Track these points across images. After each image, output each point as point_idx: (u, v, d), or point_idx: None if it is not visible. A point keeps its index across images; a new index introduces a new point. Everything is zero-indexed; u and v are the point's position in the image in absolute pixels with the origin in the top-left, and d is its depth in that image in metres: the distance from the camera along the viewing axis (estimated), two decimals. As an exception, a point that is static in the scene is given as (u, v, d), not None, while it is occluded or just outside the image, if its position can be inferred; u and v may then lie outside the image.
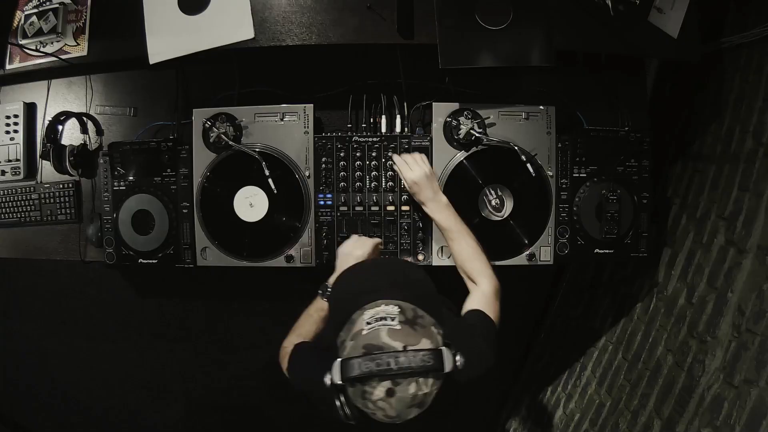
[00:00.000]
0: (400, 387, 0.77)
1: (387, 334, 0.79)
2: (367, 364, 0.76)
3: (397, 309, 0.82)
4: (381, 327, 0.79)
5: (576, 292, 2.15)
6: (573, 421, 1.94)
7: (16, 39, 1.53)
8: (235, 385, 2.28)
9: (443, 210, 1.28)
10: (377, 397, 0.77)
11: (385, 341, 0.78)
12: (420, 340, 0.80)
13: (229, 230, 1.47)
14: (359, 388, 0.78)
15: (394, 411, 0.78)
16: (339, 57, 1.51)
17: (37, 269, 2.15)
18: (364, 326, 0.81)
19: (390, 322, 0.80)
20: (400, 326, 0.80)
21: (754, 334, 1.22)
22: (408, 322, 0.81)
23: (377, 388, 0.77)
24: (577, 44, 1.43)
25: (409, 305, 0.84)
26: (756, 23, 1.37)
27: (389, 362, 0.76)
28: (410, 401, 0.78)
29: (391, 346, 0.78)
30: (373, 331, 0.79)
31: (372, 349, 0.78)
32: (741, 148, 1.42)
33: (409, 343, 0.78)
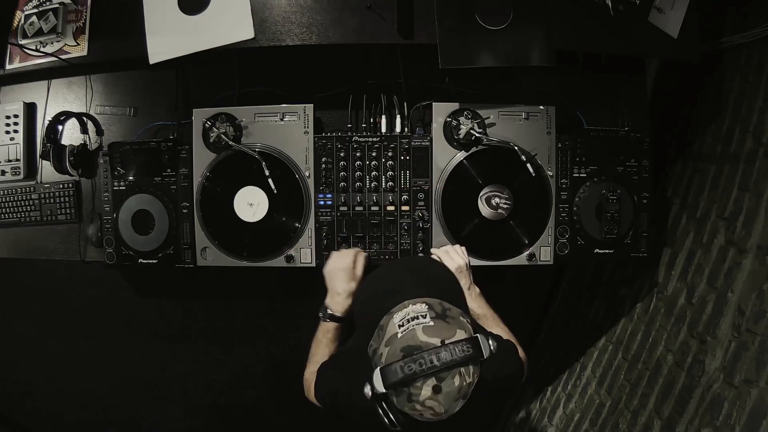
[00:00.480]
0: (446, 382, 0.77)
1: (423, 332, 0.79)
2: (409, 365, 0.76)
3: (425, 306, 0.83)
4: (415, 326, 0.80)
5: (576, 292, 2.15)
6: (573, 421, 1.94)
7: (16, 39, 1.53)
8: (235, 385, 2.28)
9: (477, 299, 1.29)
10: (425, 397, 0.77)
11: (422, 340, 0.78)
12: (455, 332, 0.80)
13: (229, 230, 1.47)
14: (405, 392, 0.78)
15: (442, 407, 0.78)
16: (339, 57, 1.51)
17: (37, 269, 2.15)
18: (398, 329, 0.81)
19: (423, 320, 0.80)
20: (433, 322, 0.80)
21: (754, 334, 1.22)
22: (439, 317, 0.81)
23: (423, 388, 0.77)
24: (577, 44, 1.43)
25: (435, 300, 0.85)
26: (756, 23, 1.37)
27: (432, 359, 0.76)
28: (457, 394, 0.78)
29: (430, 344, 0.78)
30: (408, 332, 0.80)
31: (411, 350, 0.78)
32: (741, 148, 1.42)
33: (445, 337, 0.79)
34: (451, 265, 1.30)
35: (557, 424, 2.05)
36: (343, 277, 1.26)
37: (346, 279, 1.26)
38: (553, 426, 2.07)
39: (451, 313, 0.84)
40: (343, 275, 1.26)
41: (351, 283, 1.26)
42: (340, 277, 1.26)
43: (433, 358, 0.76)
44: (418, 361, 0.76)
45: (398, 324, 0.81)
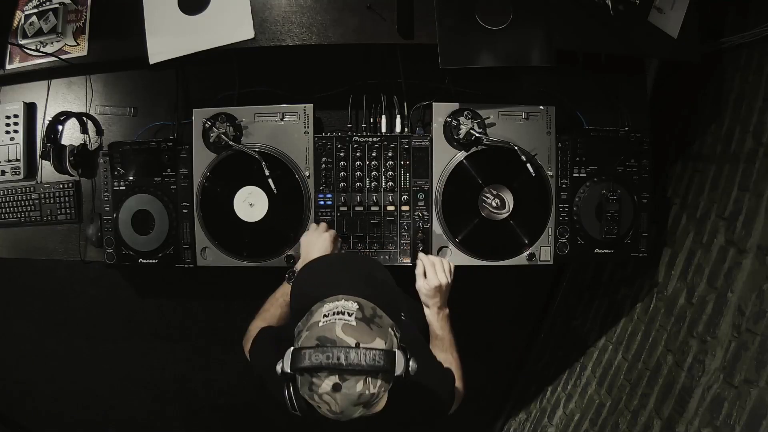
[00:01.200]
0: (348, 383, 0.76)
1: (341, 328, 0.78)
2: (317, 355, 0.76)
3: (356, 305, 0.82)
4: (337, 321, 0.79)
5: (576, 292, 2.15)
6: (573, 421, 1.94)
7: (16, 39, 1.52)
8: (234, 385, 2.28)
9: (442, 320, 1.28)
10: (323, 391, 0.77)
11: (338, 335, 0.77)
12: (374, 339, 0.79)
13: (229, 230, 1.47)
14: (307, 378, 0.78)
15: (338, 407, 0.77)
16: (339, 57, 1.51)
17: (37, 269, 2.15)
18: (321, 318, 0.80)
19: (346, 317, 0.79)
20: (356, 322, 0.79)
21: (754, 334, 1.22)
22: (365, 320, 0.80)
23: (324, 381, 0.76)
24: (577, 44, 1.43)
25: (369, 303, 0.84)
26: (756, 23, 1.37)
27: (339, 356, 0.75)
28: (356, 399, 0.77)
29: (344, 341, 0.77)
30: (328, 323, 0.79)
31: (325, 341, 0.77)
32: (741, 148, 1.42)
33: (362, 341, 0.78)
34: (432, 281, 1.29)
35: (557, 424, 2.05)
36: (320, 249, 1.29)
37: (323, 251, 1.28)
38: (553, 426, 2.07)
39: (381, 321, 0.82)
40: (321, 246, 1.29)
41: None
42: (318, 248, 1.29)
43: (341, 356, 0.75)
44: (326, 354, 0.76)
45: (324, 313, 0.81)
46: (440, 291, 1.29)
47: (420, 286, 1.32)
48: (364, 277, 0.93)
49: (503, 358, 2.30)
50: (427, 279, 1.30)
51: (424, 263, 1.34)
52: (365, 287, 0.88)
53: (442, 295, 1.29)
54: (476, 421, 2.38)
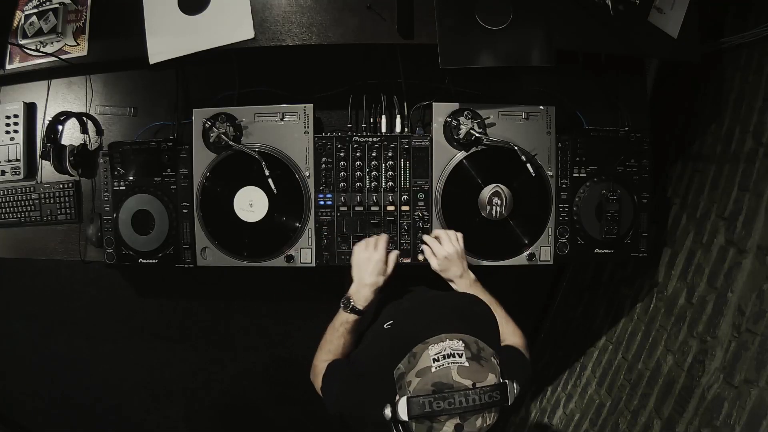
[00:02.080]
0: (469, 423, 0.79)
1: (457, 372, 0.80)
2: (438, 402, 0.78)
3: (462, 344, 0.84)
4: (450, 365, 0.81)
5: (576, 292, 2.15)
6: (573, 421, 1.94)
7: (16, 39, 1.52)
8: (235, 385, 2.28)
9: (473, 287, 1.27)
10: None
11: (455, 380, 0.79)
12: (487, 376, 0.81)
13: (229, 230, 1.47)
14: (426, 424, 0.80)
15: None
16: (339, 57, 1.51)
17: (37, 269, 2.15)
18: (431, 363, 0.82)
19: (458, 360, 0.81)
20: (468, 363, 0.81)
21: (754, 334, 1.22)
22: (474, 358, 0.82)
23: (446, 424, 0.79)
24: (577, 44, 1.43)
25: (471, 338, 0.86)
26: (756, 23, 1.37)
27: (461, 401, 0.78)
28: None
29: (462, 385, 0.79)
30: (442, 369, 0.81)
31: (443, 387, 0.79)
32: (741, 148, 1.42)
33: (478, 380, 0.80)
34: (440, 252, 1.29)
35: (557, 424, 2.05)
36: (373, 270, 1.23)
37: (376, 272, 1.22)
38: (553, 426, 2.07)
39: (485, 354, 0.85)
40: (374, 268, 1.23)
41: (380, 277, 1.23)
42: (370, 270, 1.23)
43: (462, 400, 0.78)
44: (447, 400, 0.78)
45: (433, 357, 0.82)
46: (451, 260, 1.28)
47: (434, 266, 1.32)
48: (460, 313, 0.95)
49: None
50: (436, 253, 1.30)
51: (428, 243, 1.34)
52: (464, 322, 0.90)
53: (454, 264, 1.28)
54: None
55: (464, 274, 1.28)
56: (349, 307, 1.20)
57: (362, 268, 1.24)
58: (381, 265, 1.24)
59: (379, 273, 1.23)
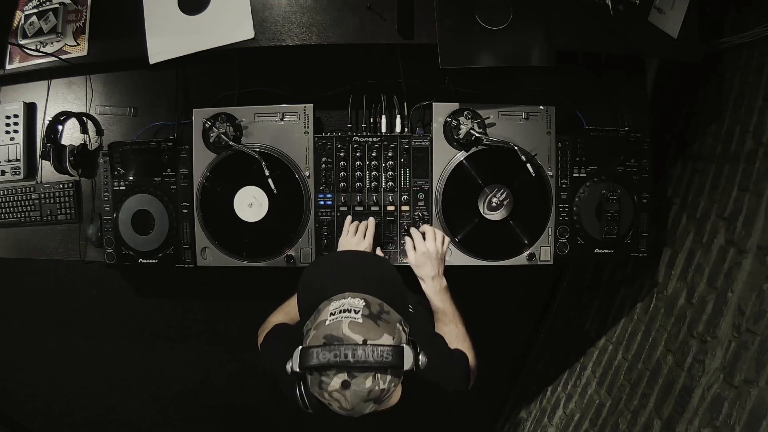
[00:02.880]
0: (356, 380, 0.77)
1: (348, 326, 0.79)
2: (324, 354, 0.77)
3: (362, 302, 0.82)
4: (343, 318, 0.80)
5: (576, 292, 2.15)
6: (573, 421, 1.94)
7: (16, 39, 1.52)
8: (234, 385, 2.29)
9: (441, 292, 1.26)
10: (333, 388, 0.77)
11: (345, 333, 0.78)
12: (381, 335, 0.79)
13: (229, 230, 1.47)
14: (316, 377, 0.79)
15: (348, 404, 0.78)
16: (339, 57, 1.51)
17: (37, 269, 2.15)
18: (328, 317, 0.81)
19: (353, 315, 0.80)
20: (363, 320, 0.80)
21: (754, 334, 1.22)
22: (372, 317, 0.81)
23: (333, 379, 0.77)
24: (577, 44, 1.42)
25: (376, 299, 0.84)
26: (756, 23, 1.37)
27: (347, 354, 0.76)
28: (366, 395, 0.78)
29: (351, 339, 0.78)
30: (335, 322, 0.80)
31: (332, 339, 0.78)
32: (741, 148, 1.42)
33: (369, 338, 0.78)
34: (420, 247, 1.30)
35: (557, 424, 2.05)
36: None
37: None
38: (553, 426, 2.07)
39: (388, 317, 0.83)
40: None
41: None
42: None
43: (348, 353, 0.76)
44: (333, 352, 0.76)
45: (330, 312, 0.82)
46: (428, 258, 1.28)
47: (410, 259, 1.32)
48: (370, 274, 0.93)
49: (503, 358, 2.30)
50: (416, 246, 1.31)
51: (413, 236, 1.34)
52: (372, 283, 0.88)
53: (431, 263, 1.28)
54: (476, 421, 2.38)
55: (436, 277, 1.27)
56: None
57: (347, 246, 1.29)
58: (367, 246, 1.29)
59: None
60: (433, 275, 1.27)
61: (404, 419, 0.97)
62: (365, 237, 1.32)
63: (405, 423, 0.99)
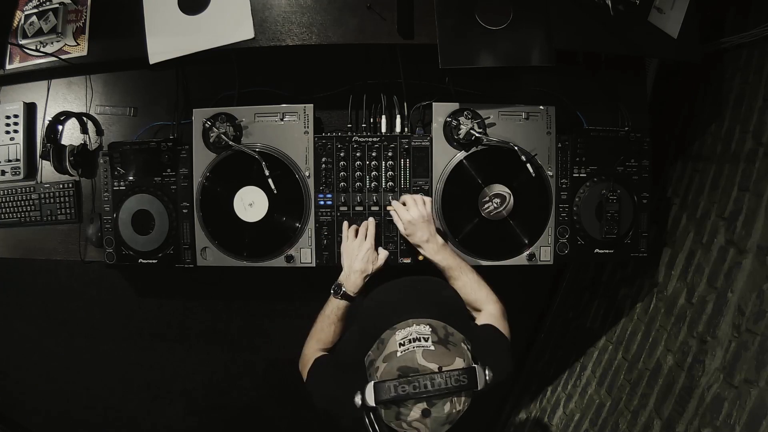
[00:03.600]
0: (436, 407, 0.78)
1: (422, 355, 0.80)
2: (403, 387, 0.77)
3: (428, 329, 0.83)
4: (416, 348, 0.80)
5: (576, 292, 2.15)
6: (573, 421, 1.94)
7: (16, 39, 1.52)
8: (235, 385, 2.28)
9: (441, 251, 1.26)
10: (412, 418, 0.78)
11: (421, 363, 0.79)
12: (454, 360, 0.81)
13: (229, 230, 1.47)
14: (394, 409, 0.79)
15: (428, 430, 0.79)
16: (339, 57, 1.51)
17: (37, 269, 2.15)
18: (398, 348, 0.81)
19: (424, 343, 0.81)
20: (434, 347, 0.81)
21: (754, 334, 1.22)
22: (441, 342, 0.82)
23: (413, 410, 0.78)
24: (577, 44, 1.42)
25: (439, 323, 0.85)
26: (756, 23, 1.37)
27: (426, 384, 0.77)
28: (445, 419, 0.79)
29: (427, 368, 0.78)
30: (408, 353, 0.80)
31: (408, 371, 0.79)
32: (741, 148, 1.42)
33: (444, 364, 0.79)
34: (404, 216, 1.30)
35: (557, 424, 2.05)
36: (363, 257, 1.26)
37: (366, 259, 1.26)
38: (553, 426, 2.07)
39: (453, 339, 0.84)
40: (364, 255, 1.26)
41: (369, 265, 1.26)
42: (360, 257, 1.26)
43: (427, 384, 0.77)
44: (412, 384, 0.77)
45: (399, 342, 0.82)
46: (416, 225, 1.28)
47: (402, 232, 1.33)
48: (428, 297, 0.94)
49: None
50: (401, 218, 1.31)
51: (396, 209, 1.34)
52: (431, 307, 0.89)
53: (420, 228, 1.28)
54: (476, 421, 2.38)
55: (431, 239, 1.27)
56: (340, 293, 1.21)
57: (352, 256, 1.28)
58: (371, 253, 1.28)
59: (369, 260, 1.26)
60: (427, 238, 1.27)
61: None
62: (366, 238, 1.32)
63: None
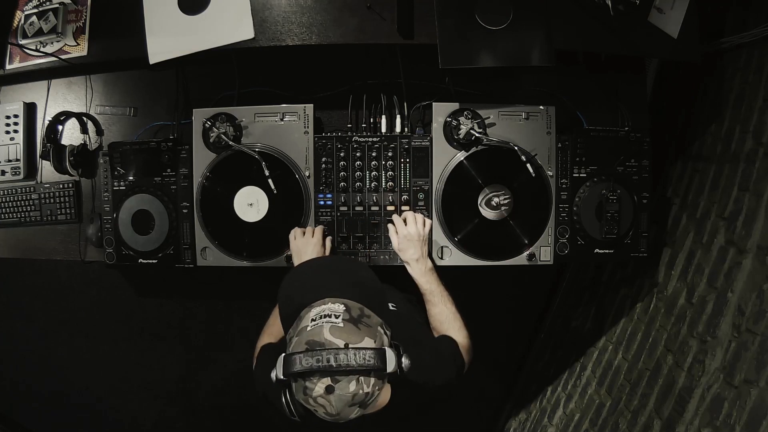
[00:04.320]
0: (340, 384, 0.77)
1: (329, 331, 0.79)
2: (307, 359, 0.77)
3: (342, 307, 0.83)
4: (324, 324, 0.80)
5: (576, 292, 2.15)
6: (573, 421, 1.94)
7: (16, 39, 1.52)
8: (235, 385, 2.29)
9: (426, 274, 1.27)
10: (317, 394, 0.77)
11: (327, 338, 0.78)
12: (363, 339, 0.80)
13: (229, 230, 1.47)
14: (301, 383, 0.79)
15: (334, 409, 0.78)
16: (339, 57, 1.51)
17: (37, 269, 2.15)
18: (309, 323, 0.81)
19: (333, 320, 0.80)
20: (344, 324, 0.80)
21: (754, 334, 1.22)
22: (352, 321, 0.81)
23: (317, 385, 0.77)
24: (577, 44, 1.42)
25: (356, 304, 0.84)
26: (756, 23, 1.37)
27: (329, 359, 0.76)
28: (350, 400, 0.78)
29: (333, 343, 0.78)
30: (316, 327, 0.80)
31: (314, 345, 0.78)
32: (741, 148, 1.42)
33: (351, 341, 0.79)
34: (401, 231, 1.33)
35: (557, 424, 2.05)
36: (312, 252, 1.31)
37: (315, 253, 1.31)
38: (553, 426, 2.07)
39: (369, 321, 0.83)
40: (312, 250, 1.31)
41: None
42: (309, 252, 1.31)
43: (330, 358, 0.76)
44: (315, 357, 0.76)
45: (311, 318, 0.82)
46: (410, 241, 1.30)
47: (394, 246, 1.35)
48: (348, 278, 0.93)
49: (503, 358, 2.30)
50: (398, 231, 1.34)
51: (394, 222, 1.38)
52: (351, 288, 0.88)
53: (413, 246, 1.30)
54: (476, 421, 2.38)
55: (420, 259, 1.29)
56: None
57: (302, 252, 1.32)
58: (319, 247, 1.33)
59: (317, 254, 1.31)
60: (417, 257, 1.29)
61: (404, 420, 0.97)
62: (313, 235, 1.37)
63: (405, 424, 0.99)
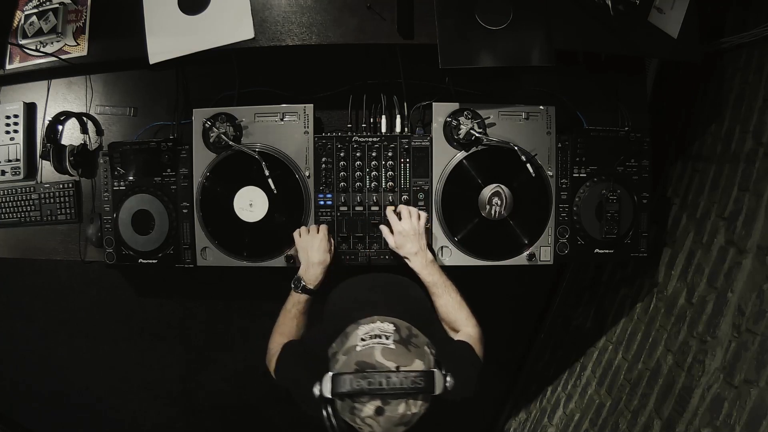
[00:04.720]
0: (390, 407, 0.78)
1: (381, 353, 0.79)
2: (358, 381, 0.77)
3: (392, 327, 0.83)
4: (375, 345, 0.80)
5: (576, 292, 2.15)
6: (573, 421, 1.94)
7: (16, 39, 1.52)
8: (235, 385, 2.29)
9: (428, 266, 1.26)
10: (366, 415, 0.78)
11: (378, 360, 0.79)
12: (413, 361, 0.80)
13: (229, 230, 1.47)
14: (348, 403, 0.79)
15: (380, 429, 0.79)
16: (339, 57, 1.51)
17: (37, 269, 2.15)
18: (359, 342, 0.81)
19: (384, 341, 0.80)
20: (395, 345, 0.80)
21: (754, 334, 1.22)
22: (402, 342, 0.81)
23: (366, 406, 0.78)
24: (577, 44, 1.43)
25: (404, 323, 0.85)
26: (756, 23, 1.38)
27: (381, 382, 0.76)
28: (398, 420, 0.79)
29: (384, 366, 0.78)
30: (367, 348, 0.80)
31: (365, 366, 0.79)
32: (741, 148, 1.42)
33: (402, 364, 0.79)
34: (396, 227, 1.32)
35: (557, 424, 2.05)
36: (318, 248, 1.29)
37: (322, 250, 1.29)
38: (553, 426, 2.07)
39: (416, 341, 0.84)
40: (319, 246, 1.30)
41: (326, 255, 1.29)
42: (315, 248, 1.29)
43: (382, 381, 0.76)
44: (368, 380, 0.77)
45: (361, 337, 0.82)
46: (406, 237, 1.30)
47: (391, 245, 1.34)
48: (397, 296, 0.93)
49: (503, 358, 2.30)
50: (393, 226, 1.33)
51: (389, 219, 1.36)
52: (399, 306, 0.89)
53: (410, 240, 1.29)
54: (476, 421, 2.38)
55: (420, 252, 1.28)
56: (300, 287, 1.22)
57: (308, 250, 1.30)
58: (325, 243, 1.31)
59: (325, 250, 1.29)
60: (416, 251, 1.28)
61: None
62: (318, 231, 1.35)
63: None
